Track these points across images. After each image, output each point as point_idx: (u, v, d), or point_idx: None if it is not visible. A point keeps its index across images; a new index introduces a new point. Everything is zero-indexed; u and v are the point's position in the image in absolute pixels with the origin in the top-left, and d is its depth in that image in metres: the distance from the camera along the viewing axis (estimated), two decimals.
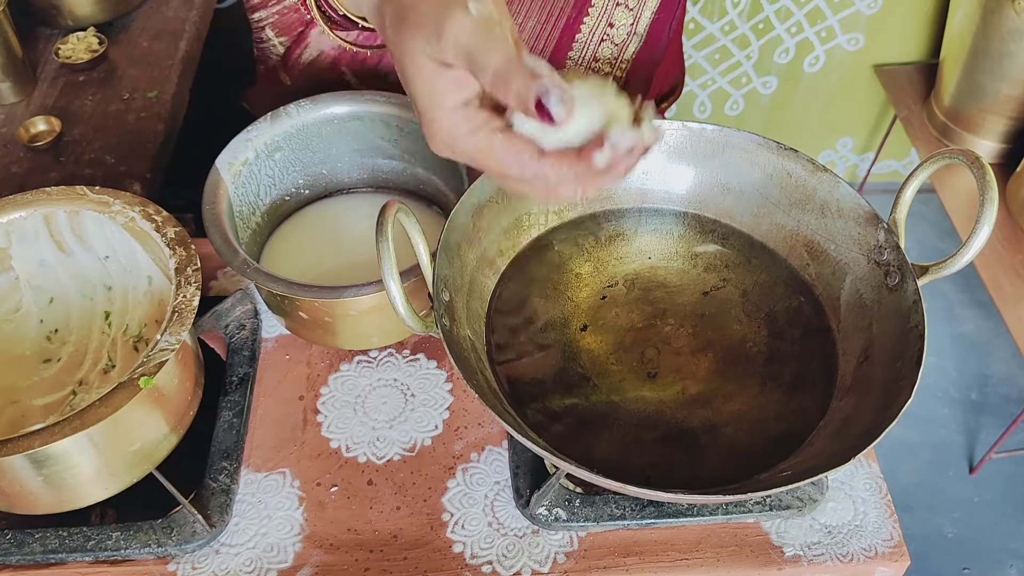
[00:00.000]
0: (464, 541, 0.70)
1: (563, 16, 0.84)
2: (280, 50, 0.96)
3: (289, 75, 0.96)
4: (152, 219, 0.72)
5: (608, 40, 0.84)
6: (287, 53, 0.95)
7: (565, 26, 0.85)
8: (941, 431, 1.79)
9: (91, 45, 1.21)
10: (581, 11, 0.84)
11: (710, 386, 0.70)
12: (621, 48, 0.86)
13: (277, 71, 0.97)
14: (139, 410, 0.64)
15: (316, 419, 0.77)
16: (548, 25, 0.84)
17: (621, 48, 0.86)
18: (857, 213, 0.70)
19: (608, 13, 0.84)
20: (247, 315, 0.82)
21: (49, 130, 1.10)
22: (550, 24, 0.84)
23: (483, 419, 0.77)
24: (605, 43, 0.85)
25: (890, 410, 0.59)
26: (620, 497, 0.70)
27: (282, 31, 0.95)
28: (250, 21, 0.97)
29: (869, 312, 0.68)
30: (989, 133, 1.68)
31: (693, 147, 0.76)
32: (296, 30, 0.93)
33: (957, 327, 1.95)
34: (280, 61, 0.96)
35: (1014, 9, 1.49)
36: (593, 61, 0.87)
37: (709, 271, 0.76)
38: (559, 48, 0.86)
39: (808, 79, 1.93)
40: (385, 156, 0.87)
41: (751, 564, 0.69)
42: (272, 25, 0.95)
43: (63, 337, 0.78)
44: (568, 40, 0.86)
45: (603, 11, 0.84)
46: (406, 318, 0.59)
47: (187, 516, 0.69)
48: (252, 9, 0.95)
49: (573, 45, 0.86)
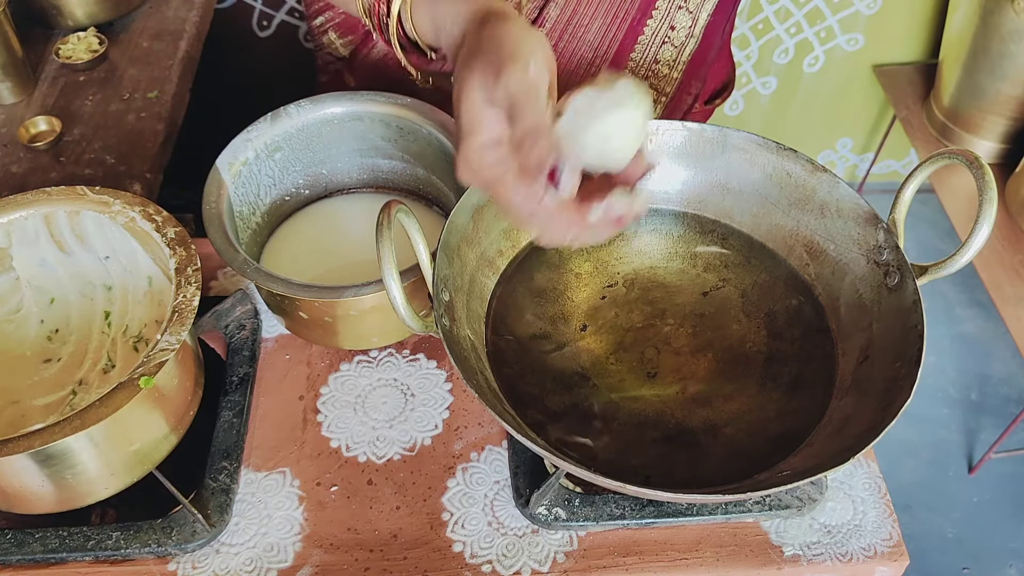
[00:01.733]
0: (464, 541, 0.70)
1: (627, 19, 0.86)
2: (343, 52, 0.96)
3: (354, 76, 0.97)
4: (152, 219, 0.72)
5: (669, 43, 0.87)
6: (354, 54, 0.95)
7: (629, 28, 0.87)
8: (941, 431, 1.79)
9: (91, 45, 1.21)
10: (645, 14, 0.87)
11: (710, 386, 0.70)
12: (680, 50, 0.88)
13: (342, 75, 0.98)
14: (139, 410, 0.65)
15: (316, 419, 0.77)
16: (612, 27, 0.86)
17: (680, 50, 0.88)
18: (856, 213, 0.70)
19: (670, 16, 0.87)
20: (247, 315, 0.83)
21: (49, 130, 1.10)
22: (615, 26, 0.86)
23: (483, 419, 0.77)
24: (666, 45, 0.87)
25: (890, 410, 0.59)
26: (620, 497, 0.70)
27: (346, 31, 0.95)
28: (311, 29, 0.97)
29: (869, 312, 0.68)
30: (988, 133, 1.68)
31: (693, 147, 0.76)
32: (362, 30, 0.94)
33: (957, 327, 1.96)
34: (346, 63, 0.97)
35: (1014, 9, 1.49)
36: (653, 63, 0.90)
37: (709, 271, 0.76)
38: (622, 50, 0.88)
39: (808, 79, 1.93)
40: (385, 156, 0.87)
41: (751, 564, 0.69)
42: (336, 27, 0.95)
43: (63, 337, 0.78)
44: (631, 42, 0.88)
45: (666, 14, 0.87)
46: (406, 318, 0.60)
47: (187, 516, 0.69)
48: (313, 15, 0.96)
49: (635, 47, 0.88)
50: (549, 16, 0.86)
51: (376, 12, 0.66)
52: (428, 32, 0.64)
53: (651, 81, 0.91)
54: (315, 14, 0.96)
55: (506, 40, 0.54)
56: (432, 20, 0.63)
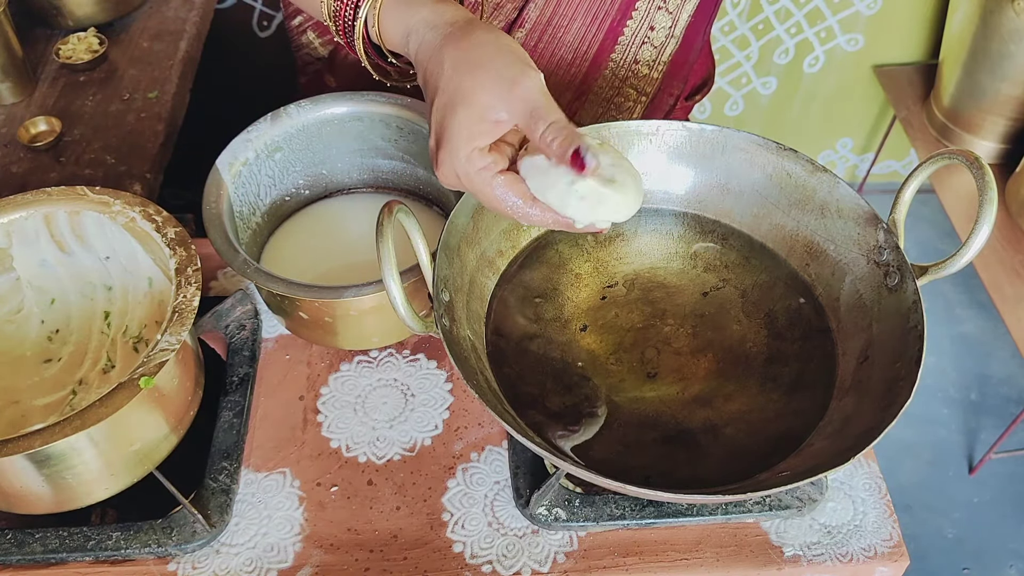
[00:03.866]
0: (464, 541, 0.70)
1: (607, 19, 0.86)
2: (322, 52, 0.96)
3: (335, 76, 0.96)
4: (152, 219, 0.72)
5: (648, 43, 0.87)
6: (333, 54, 0.95)
7: (609, 29, 0.87)
8: (941, 431, 1.79)
9: (91, 45, 1.21)
10: (625, 14, 0.86)
11: (710, 386, 0.70)
12: (660, 50, 0.88)
13: (322, 75, 0.97)
14: (139, 410, 0.65)
15: (316, 419, 0.77)
16: (593, 28, 0.86)
17: (660, 50, 0.88)
18: (857, 213, 0.70)
19: (650, 16, 0.86)
20: (247, 315, 0.83)
21: (49, 130, 1.10)
22: (595, 27, 0.86)
23: (483, 419, 0.77)
24: (645, 46, 0.87)
25: (890, 410, 0.59)
26: (620, 497, 0.70)
27: (324, 31, 0.94)
28: (288, 30, 0.97)
29: (869, 312, 0.68)
30: (988, 133, 1.68)
31: (693, 148, 0.76)
32: None
33: (957, 327, 1.95)
34: (325, 64, 0.96)
35: (1014, 9, 1.49)
36: (634, 63, 0.89)
37: (709, 271, 0.76)
38: (602, 50, 0.88)
39: (808, 80, 1.93)
40: (385, 156, 0.87)
41: (751, 564, 0.69)
42: (314, 27, 0.95)
43: (64, 337, 0.78)
44: (611, 43, 0.88)
45: (645, 14, 0.86)
46: (406, 318, 0.60)
47: (187, 516, 0.69)
48: (291, 15, 0.95)
49: (615, 47, 0.88)
50: (529, 17, 0.86)
51: (341, 16, 0.67)
52: (396, 37, 0.64)
53: (631, 82, 0.91)
54: (293, 14, 0.95)
55: (510, 50, 0.58)
56: (404, 25, 0.63)
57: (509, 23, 0.87)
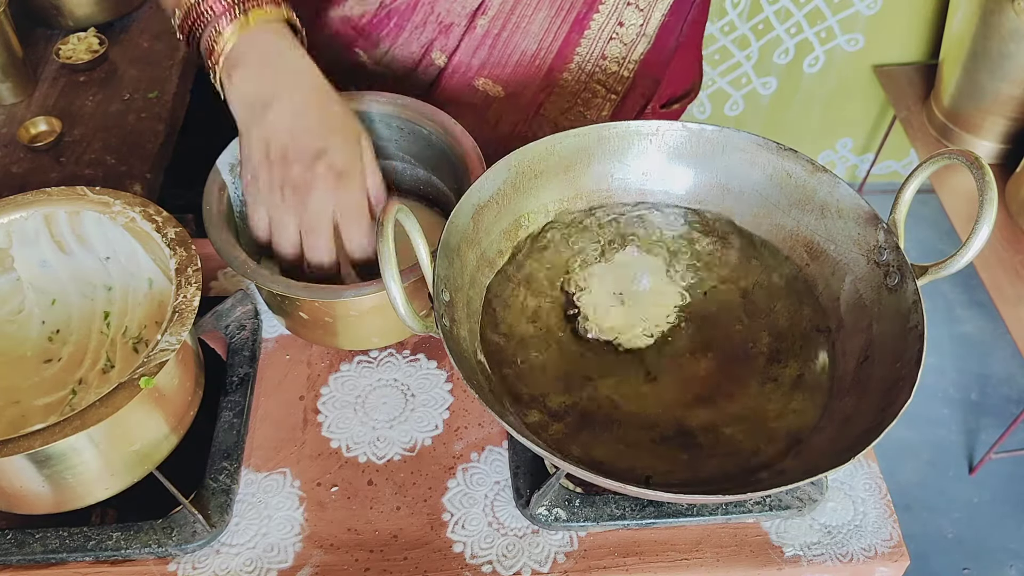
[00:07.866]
0: (464, 541, 0.70)
1: (573, 11, 0.84)
2: None
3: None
4: (153, 219, 0.72)
5: (617, 39, 0.85)
6: None
7: (575, 21, 0.85)
8: (941, 431, 1.79)
9: (91, 46, 1.21)
10: (591, 7, 0.85)
11: (710, 386, 0.70)
12: (630, 48, 0.86)
13: None
14: (139, 410, 0.65)
15: (316, 419, 0.77)
16: (558, 20, 0.85)
17: (630, 48, 0.86)
18: (857, 213, 0.70)
19: (619, 11, 0.85)
20: (247, 315, 0.83)
21: (49, 130, 1.10)
22: (559, 19, 0.85)
23: (483, 419, 0.77)
24: (614, 41, 0.85)
25: (890, 410, 0.59)
26: (620, 497, 0.70)
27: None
28: None
29: (869, 312, 0.68)
30: (989, 134, 1.68)
31: (693, 148, 0.76)
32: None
33: (957, 327, 1.96)
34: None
35: (1014, 10, 1.49)
36: (601, 59, 0.88)
37: (709, 271, 0.76)
38: (567, 43, 0.87)
39: (808, 80, 1.93)
40: (385, 156, 0.87)
41: (751, 564, 0.69)
42: None
43: (64, 337, 0.78)
44: (577, 36, 0.86)
45: (614, 9, 0.85)
46: (406, 318, 0.60)
47: (187, 516, 0.69)
48: None
49: (581, 41, 0.86)
50: (491, 5, 0.85)
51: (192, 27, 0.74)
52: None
53: (598, 77, 0.89)
54: None
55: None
56: None
57: (472, 10, 0.85)
